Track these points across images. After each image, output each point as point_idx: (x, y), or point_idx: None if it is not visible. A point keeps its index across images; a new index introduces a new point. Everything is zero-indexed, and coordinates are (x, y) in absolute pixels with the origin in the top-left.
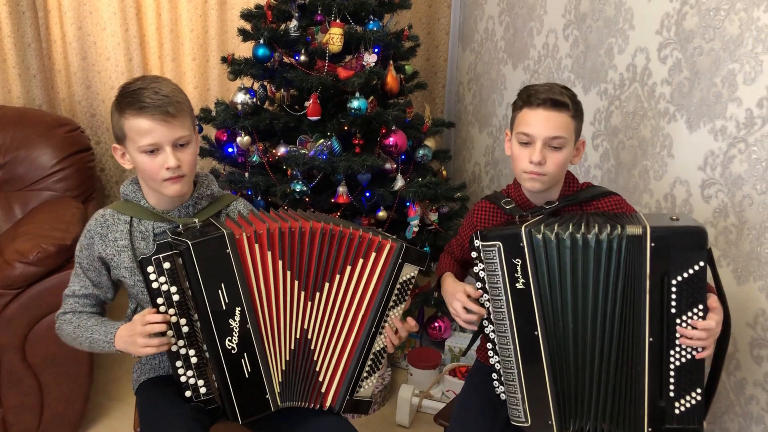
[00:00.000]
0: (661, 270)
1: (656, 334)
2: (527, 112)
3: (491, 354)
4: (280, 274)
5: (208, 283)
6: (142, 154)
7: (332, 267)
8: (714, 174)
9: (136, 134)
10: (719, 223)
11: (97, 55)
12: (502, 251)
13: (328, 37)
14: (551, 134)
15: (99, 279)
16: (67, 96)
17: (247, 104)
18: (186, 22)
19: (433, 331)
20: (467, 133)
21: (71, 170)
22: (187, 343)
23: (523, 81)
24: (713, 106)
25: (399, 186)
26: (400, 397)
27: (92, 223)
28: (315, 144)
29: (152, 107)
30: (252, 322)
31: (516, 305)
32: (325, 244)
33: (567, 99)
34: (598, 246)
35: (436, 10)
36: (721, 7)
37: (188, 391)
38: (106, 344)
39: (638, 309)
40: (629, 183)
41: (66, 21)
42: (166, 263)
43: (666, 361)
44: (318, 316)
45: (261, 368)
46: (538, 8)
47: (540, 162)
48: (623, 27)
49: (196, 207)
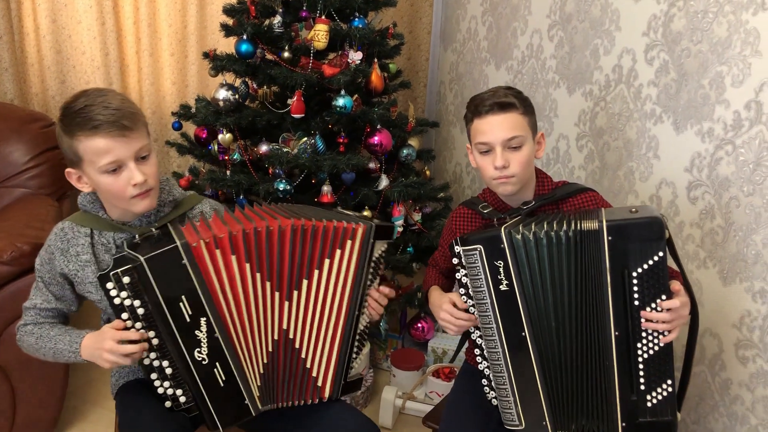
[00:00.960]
0: (621, 263)
1: (622, 327)
2: (479, 122)
3: (480, 360)
4: (248, 278)
5: (168, 297)
6: (104, 175)
7: (309, 263)
8: (701, 176)
9: (93, 155)
10: (705, 224)
11: (72, 48)
12: (484, 254)
13: (313, 33)
14: (507, 136)
15: (62, 293)
16: (40, 90)
17: (229, 101)
18: (164, 17)
19: (416, 332)
20: (448, 133)
21: (45, 167)
22: (159, 355)
23: (506, 81)
24: (700, 108)
25: (383, 185)
26: (383, 399)
27: (52, 238)
28: (298, 142)
29: (106, 124)
30: (220, 330)
31: (501, 307)
32: (298, 241)
33: (512, 98)
34: (568, 242)
35: (418, 9)
36: (709, 9)
37: (167, 401)
38: (72, 354)
39: (602, 303)
40: (614, 184)
41: (40, 13)
42: (126, 277)
43: (634, 354)
44: (299, 313)
45: (236, 375)
46: (522, 8)
47: (504, 165)
48: (609, 28)
49: (158, 214)
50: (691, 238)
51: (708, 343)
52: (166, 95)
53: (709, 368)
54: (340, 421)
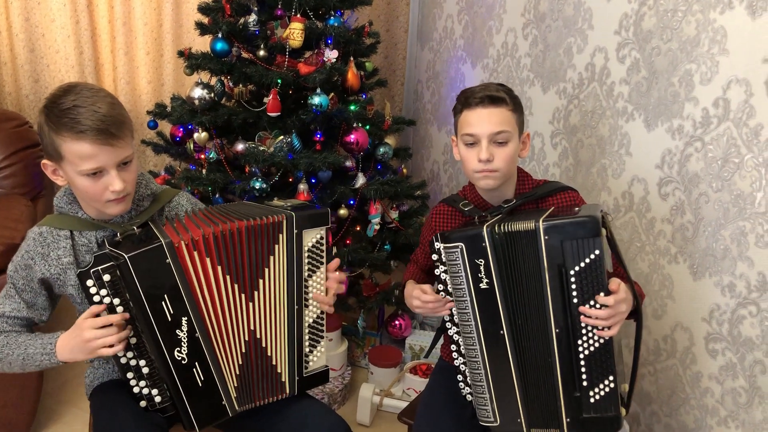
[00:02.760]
0: (557, 262)
1: (561, 325)
2: (467, 114)
3: (456, 356)
4: (221, 280)
5: (150, 296)
6: (83, 177)
7: (260, 262)
8: (671, 172)
9: (76, 158)
10: (676, 220)
11: (45, 47)
12: (465, 252)
13: (289, 32)
14: (494, 130)
15: (35, 300)
16: (13, 90)
17: (204, 99)
18: (140, 15)
19: (393, 329)
20: (426, 132)
21: (19, 166)
22: (136, 354)
23: (482, 79)
24: (670, 105)
25: (360, 184)
26: (360, 396)
27: (30, 243)
28: (275, 141)
29: (93, 130)
30: (201, 330)
31: (481, 305)
32: (251, 240)
33: (504, 94)
34: (527, 240)
35: (395, 7)
36: (678, 8)
37: (143, 401)
38: (46, 357)
39: (543, 300)
40: (588, 181)
41: (12, 11)
42: (106, 275)
43: (575, 351)
44: (262, 313)
45: (215, 376)
46: (497, 7)
47: (488, 159)
48: (582, 27)
49: (137, 209)
50: (663, 233)
51: (679, 337)
52: (142, 94)
53: (680, 362)
54: (308, 418)
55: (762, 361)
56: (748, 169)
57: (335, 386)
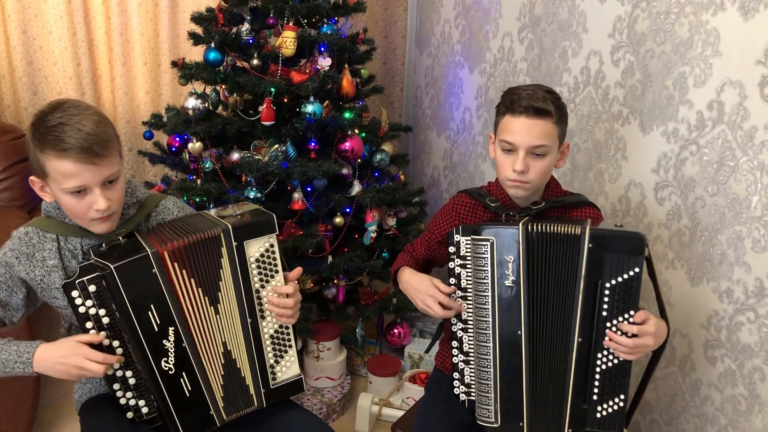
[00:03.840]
0: (596, 272)
1: (585, 335)
2: (509, 119)
3: (455, 353)
4: (194, 291)
5: (137, 306)
6: (67, 195)
7: (214, 276)
8: (667, 176)
9: (60, 176)
10: (673, 225)
11: (43, 59)
12: (495, 247)
13: (281, 40)
14: (534, 143)
15: (9, 299)
16: (12, 102)
17: (198, 109)
18: (136, 26)
19: (392, 338)
20: (425, 137)
21: (16, 179)
22: (123, 365)
23: (479, 84)
24: (665, 108)
25: (356, 191)
26: (359, 406)
27: (15, 242)
28: (269, 149)
29: (76, 149)
30: (188, 339)
31: (502, 303)
32: (205, 252)
33: (550, 105)
34: (563, 245)
35: (393, 13)
36: (671, 10)
37: (129, 412)
38: (20, 365)
39: (571, 307)
40: (584, 186)
41: (9, 24)
42: (92, 286)
43: (593, 363)
44: (226, 326)
45: (202, 385)
46: (493, 11)
47: (523, 171)
48: (577, 30)
49: (123, 217)
50: (660, 239)
51: (678, 344)
52: (140, 104)
53: (679, 369)
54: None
55: (761, 368)
56: (743, 173)
57: (334, 395)
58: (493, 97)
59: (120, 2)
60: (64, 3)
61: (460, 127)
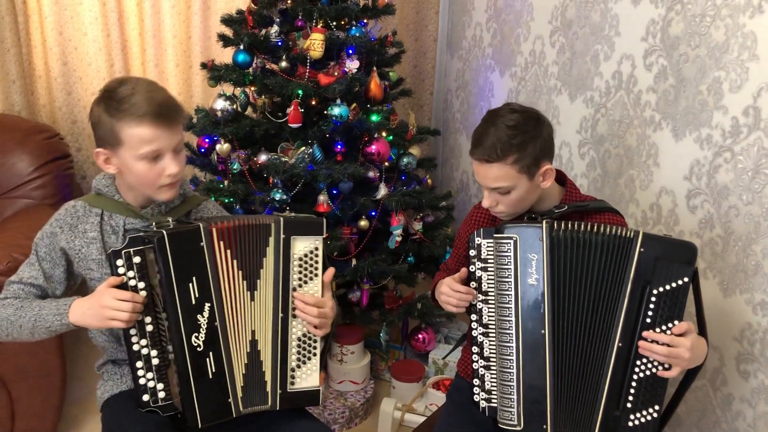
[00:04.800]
0: (644, 277)
1: (626, 340)
2: (473, 160)
3: (476, 358)
4: (235, 273)
5: (180, 276)
6: (141, 161)
7: (257, 263)
8: (700, 184)
9: (137, 142)
10: (705, 234)
11: (78, 60)
12: (518, 245)
13: (309, 43)
14: (491, 185)
15: (52, 271)
16: (47, 102)
17: (226, 111)
18: (169, 28)
19: (416, 343)
20: (455, 141)
21: (49, 177)
22: (149, 343)
23: (510, 88)
24: (699, 114)
25: (382, 194)
26: (381, 411)
27: (62, 213)
28: (296, 152)
29: (154, 114)
30: (220, 319)
31: (525, 301)
32: (254, 239)
33: (498, 152)
34: (602, 247)
35: (424, 16)
36: (706, 13)
37: (146, 394)
38: (57, 317)
39: (614, 311)
40: (615, 192)
41: (47, 26)
42: (137, 257)
43: (630, 370)
44: (258, 315)
45: (225, 369)
46: (525, 14)
47: (491, 206)
48: (609, 33)
49: (168, 206)
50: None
51: (709, 357)
52: None
53: (710, 382)
54: None
55: None
56: None
57: (357, 399)
58: (523, 101)
59: (153, 4)
60: (99, 5)
61: None
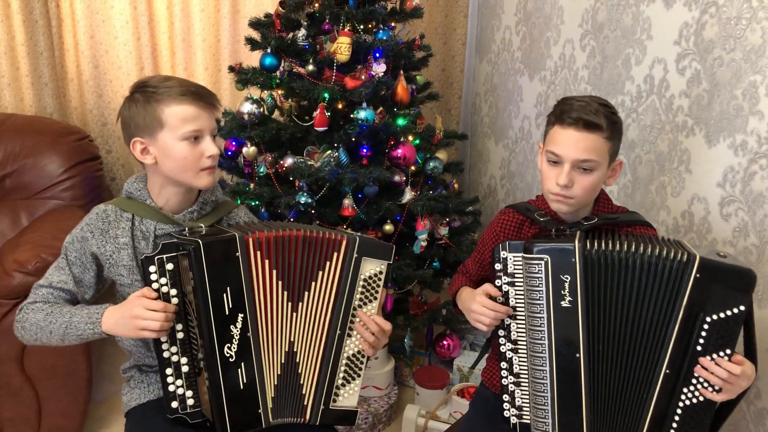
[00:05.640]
0: (699, 304)
1: (674, 367)
2: (558, 130)
3: (505, 374)
4: (274, 284)
5: (214, 285)
6: (183, 142)
7: (309, 275)
8: (734, 191)
9: (179, 121)
10: (739, 242)
11: (109, 63)
12: (550, 266)
13: (336, 46)
14: (580, 157)
15: (82, 275)
16: (78, 105)
17: (253, 114)
18: (198, 32)
19: (441, 349)
20: (483, 146)
21: (78, 179)
22: (180, 350)
23: (539, 93)
24: (733, 119)
25: (407, 199)
26: (405, 417)
27: (93, 217)
28: (322, 155)
29: (196, 94)
30: (253, 330)
31: (559, 324)
32: (304, 250)
33: (602, 119)
34: (648, 268)
35: (453, 20)
36: (742, 15)
37: (174, 401)
38: (89, 326)
39: (662, 338)
40: (646, 199)
41: (79, 30)
42: (170, 264)
43: (676, 397)
44: (301, 327)
45: (256, 379)
46: (554, 18)
47: (567, 185)
48: (641, 37)
49: (200, 212)
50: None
51: None
52: None
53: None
54: None
55: None
56: None
57: (380, 405)
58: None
59: (183, 8)
60: (130, 9)
61: (519, 136)
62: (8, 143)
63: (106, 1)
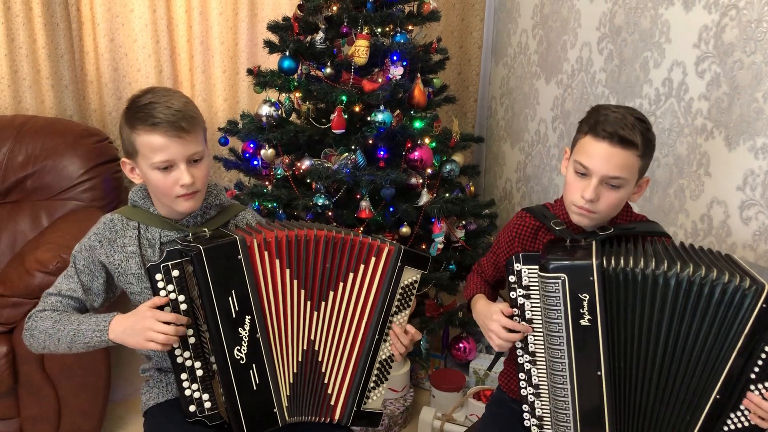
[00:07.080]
0: (760, 333)
1: (725, 393)
2: (590, 141)
3: (523, 385)
4: (287, 283)
5: (219, 290)
6: (155, 171)
7: (336, 275)
8: (754, 194)
9: (149, 151)
10: (759, 246)
11: (128, 66)
12: (567, 284)
13: (354, 49)
14: (611, 173)
15: (91, 283)
16: (98, 107)
17: (271, 117)
18: (216, 35)
19: (457, 352)
20: (499, 149)
21: (98, 180)
22: (192, 355)
23: (555, 96)
24: (753, 122)
25: (424, 201)
26: (421, 420)
27: (100, 227)
28: (339, 157)
29: (165, 123)
30: (262, 331)
31: (578, 343)
32: (329, 251)
33: (637, 136)
34: (689, 288)
35: (469, 23)
36: (763, 18)
37: (192, 405)
38: (97, 334)
39: (716, 362)
40: (664, 202)
41: (99, 33)
42: (175, 271)
43: (722, 422)
44: (324, 326)
45: (269, 380)
46: (572, 21)
47: (592, 200)
48: (659, 40)
49: (204, 217)
50: (744, 261)
51: None
52: (218, 111)
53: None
54: None
55: None
56: None
57: (396, 407)
58: (569, 109)
59: (202, 12)
60: (149, 12)
61: (535, 139)
62: (29, 145)
63: (126, 5)
